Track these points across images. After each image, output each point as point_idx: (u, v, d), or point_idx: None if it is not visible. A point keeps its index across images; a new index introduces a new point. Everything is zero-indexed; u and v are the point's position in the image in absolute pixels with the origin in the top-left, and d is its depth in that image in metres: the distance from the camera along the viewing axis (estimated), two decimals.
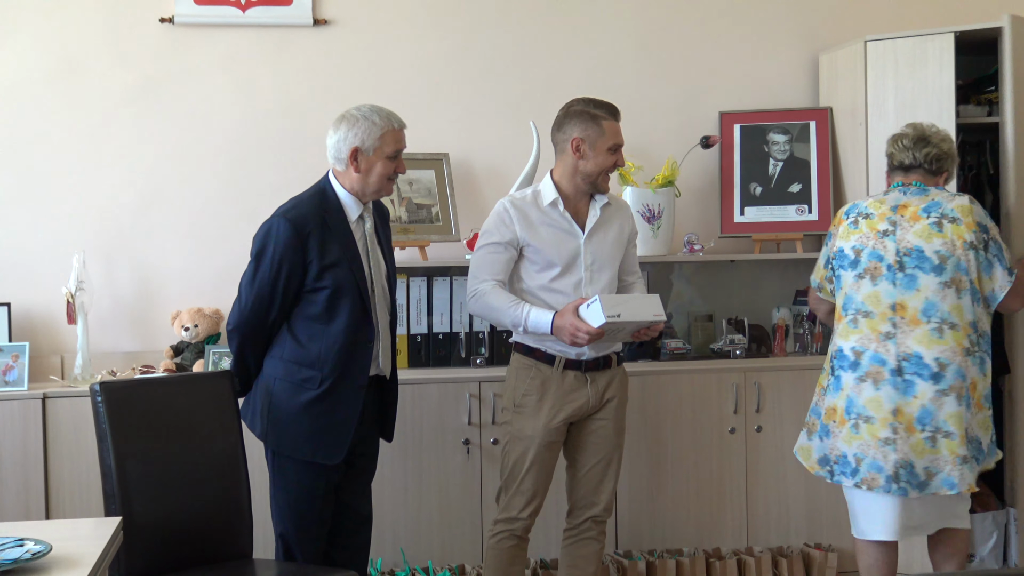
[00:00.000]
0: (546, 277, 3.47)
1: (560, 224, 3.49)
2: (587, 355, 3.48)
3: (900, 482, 3.32)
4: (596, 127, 3.44)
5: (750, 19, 4.73)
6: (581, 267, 3.49)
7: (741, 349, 4.39)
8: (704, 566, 4.15)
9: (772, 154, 4.61)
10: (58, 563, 2.06)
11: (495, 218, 3.50)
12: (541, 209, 3.48)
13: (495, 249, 3.47)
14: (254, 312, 3.24)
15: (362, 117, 3.27)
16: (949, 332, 3.31)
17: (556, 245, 3.47)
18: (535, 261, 3.47)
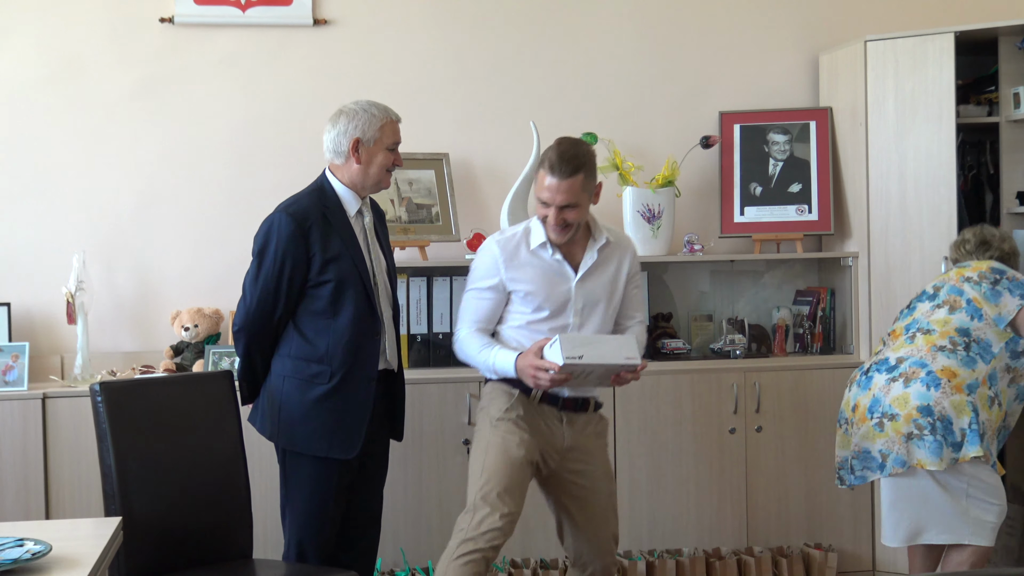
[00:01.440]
0: (536, 318, 3.37)
1: (550, 266, 3.37)
2: (565, 392, 3.35)
3: (856, 472, 3.59)
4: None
5: (750, 19, 4.73)
6: (571, 312, 3.37)
7: (741, 349, 4.39)
8: (704, 566, 4.15)
9: (772, 154, 4.61)
10: (58, 563, 2.06)
11: (482, 259, 3.42)
12: (530, 250, 3.37)
13: (480, 295, 3.40)
14: (260, 310, 3.24)
15: (361, 110, 3.31)
16: (920, 336, 3.57)
17: (546, 287, 3.35)
18: (525, 303, 3.37)
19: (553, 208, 3.28)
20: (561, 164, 3.24)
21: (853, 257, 4.42)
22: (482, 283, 3.39)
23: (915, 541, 3.56)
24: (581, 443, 3.38)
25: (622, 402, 4.18)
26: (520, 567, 4.03)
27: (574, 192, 3.27)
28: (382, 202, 4.17)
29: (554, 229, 3.31)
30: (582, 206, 3.32)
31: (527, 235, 3.39)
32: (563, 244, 3.37)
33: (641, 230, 4.37)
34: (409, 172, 4.36)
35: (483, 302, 3.39)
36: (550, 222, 3.30)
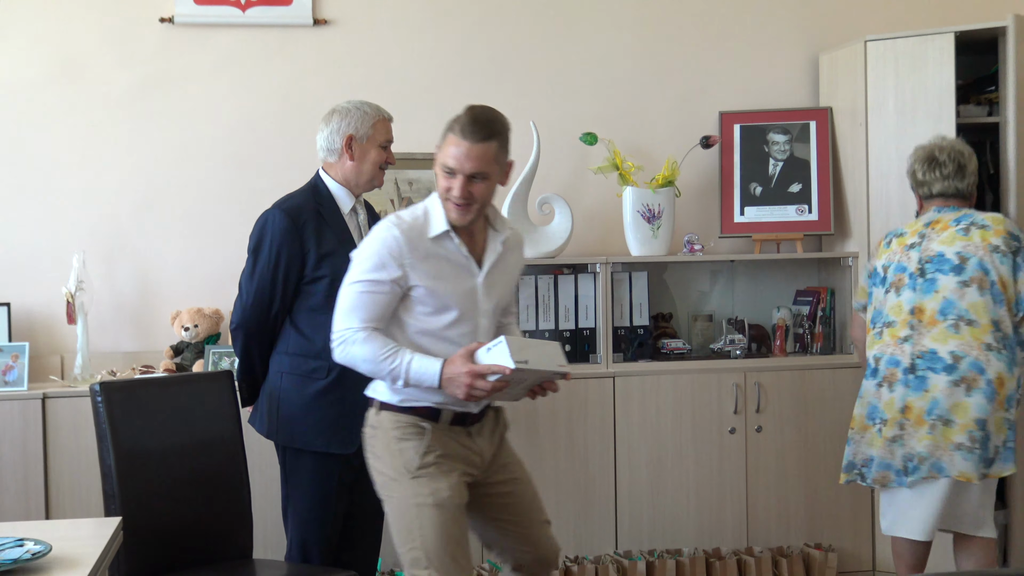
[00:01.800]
0: (439, 322, 2.91)
1: (455, 259, 2.93)
2: (475, 409, 2.97)
3: (910, 474, 3.40)
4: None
5: (750, 19, 4.73)
6: (479, 312, 2.96)
7: (741, 349, 4.39)
8: (704, 566, 4.15)
9: (772, 154, 4.61)
10: (58, 563, 2.06)
11: (378, 247, 2.87)
12: (432, 239, 2.91)
13: (373, 287, 2.87)
14: (256, 306, 3.25)
15: (354, 108, 3.35)
16: (966, 328, 3.38)
17: (452, 284, 2.91)
18: (426, 302, 2.90)
19: (460, 178, 2.86)
20: (474, 127, 2.87)
21: (853, 257, 4.42)
22: (378, 274, 2.87)
23: (942, 529, 3.51)
24: (496, 451, 3.05)
25: (622, 402, 4.18)
26: None
27: (486, 160, 2.89)
28: (382, 202, 4.19)
29: (456, 206, 2.88)
30: (491, 180, 2.92)
31: (427, 220, 2.92)
32: (464, 232, 2.94)
33: (641, 230, 4.37)
34: (409, 172, 4.36)
35: (379, 297, 2.87)
36: (454, 194, 2.86)
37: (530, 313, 4.27)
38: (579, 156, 4.50)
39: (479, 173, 2.88)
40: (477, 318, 2.95)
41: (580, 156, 4.49)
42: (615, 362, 4.23)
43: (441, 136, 2.91)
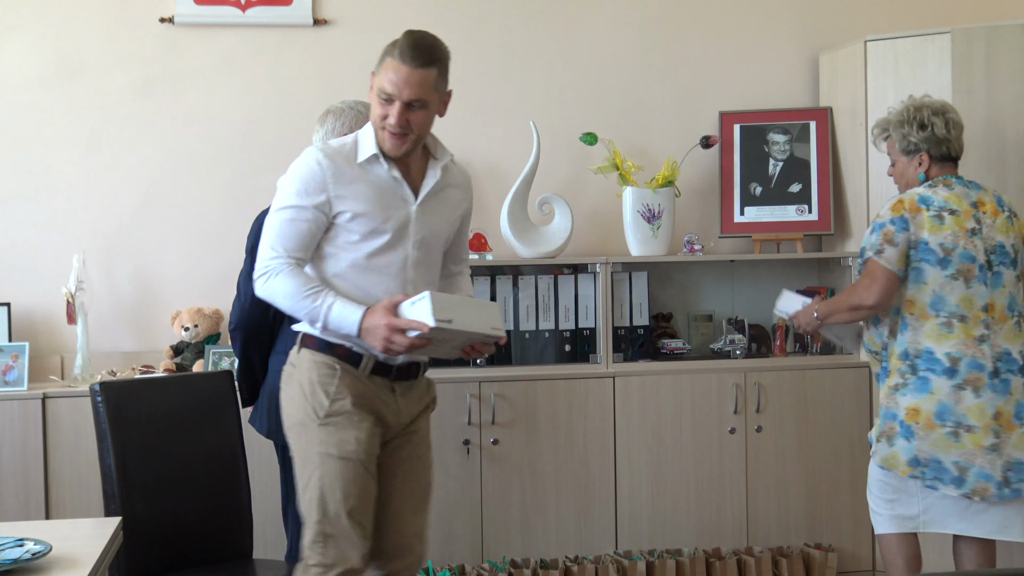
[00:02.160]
0: (366, 249, 2.78)
1: (386, 183, 2.81)
2: (400, 359, 2.83)
3: (1011, 485, 3.27)
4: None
5: (750, 19, 4.73)
6: (409, 241, 2.83)
7: (741, 349, 4.39)
8: (704, 566, 4.15)
9: (772, 154, 4.61)
10: (58, 563, 2.06)
11: (302, 171, 2.77)
12: (359, 163, 2.81)
13: (298, 214, 2.76)
14: (254, 306, 3.24)
15: (348, 108, 3.35)
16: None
17: (382, 207, 2.79)
18: (353, 229, 2.78)
19: (398, 104, 2.74)
20: (414, 52, 2.74)
21: (853, 257, 4.41)
22: (301, 200, 2.75)
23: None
24: (416, 420, 2.92)
25: (622, 402, 4.19)
26: (520, 567, 4.03)
27: (425, 87, 2.76)
28: None
29: (392, 135, 2.76)
30: (430, 109, 2.80)
31: (355, 146, 2.83)
32: (399, 161, 2.82)
33: (641, 230, 4.37)
34: None
35: (302, 225, 2.75)
36: (390, 122, 2.75)
37: (530, 313, 4.27)
38: (579, 156, 4.50)
39: (417, 100, 2.76)
40: (407, 247, 2.82)
41: (580, 156, 4.49)
42: (615, 362, 4.23)
43: (378, 61, 2.82)
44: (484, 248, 4.29)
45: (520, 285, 4.29)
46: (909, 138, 3.46)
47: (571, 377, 4.18)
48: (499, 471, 4.11)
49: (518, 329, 4.27)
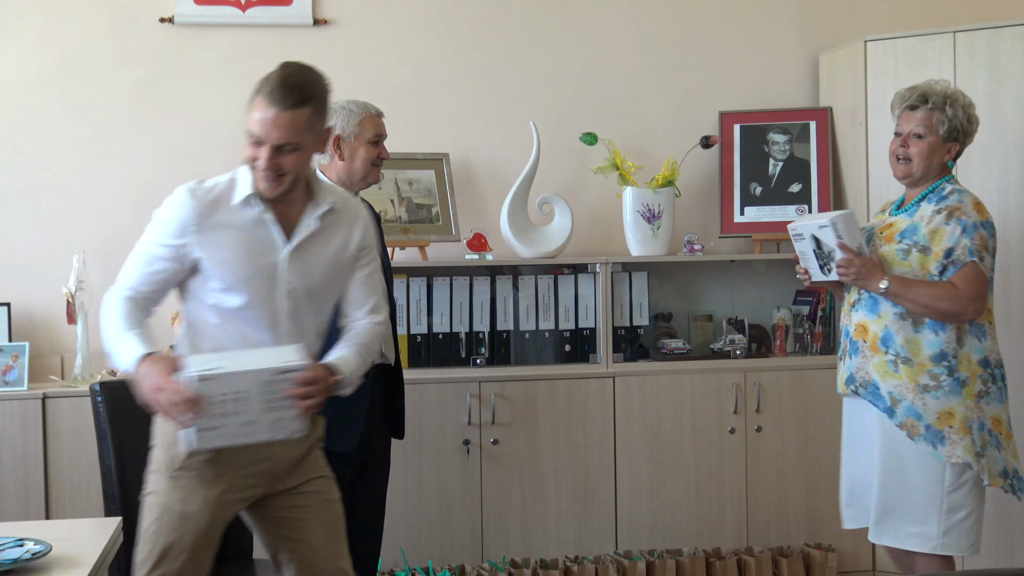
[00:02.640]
0: (231, 299, 2.59)
1: (255, 230, 2.60)
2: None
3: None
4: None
5: (750, 19, 4.73)
6: (279, 292, 2.60)
7: (741, 349, 4.39)
8: (704, 566, 4.15)
9: (772, 154, 4.61)
10: (58, 563, 2.06)
11: (167, 212, 2.62)
12: (232, 206, 2.61)
13: (155, 251, 2.62)
14: None
15: (338, 107, 3.31)
16: None
17: (245, 258, 2.57)
18: (216, 276, 2.59)
19: (267, 148, 2.53)
20: (284, 91, 2.52)
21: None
22: (161, 239, 2.60)
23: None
24: (299, 462, 2.69)
25: (622, 402, 4.18)
26: (520, 567, 4.03)
27: (296, 129, 2.53)
28: (382, 202, 4.19)
29: (265, 176, 2.56)
30: (305, 151, 2.58)
31: (231, 186, 2.64)
32: (276, 203, 2.61)
33: (641, 230, 4.37)
34: (409, 172, 4.36)
35: (155, 263, 2.61)
36: (260, 166, 2.55)
37: (530, 313, 4.27)
38: (579, 156, 4.50)
39: (288, 144, 2.54)
40: (276, 298, 2.59)
41: (580, 156, 4.49)
42: (615, 362, 4.23)
43: (250, 97, 2.57)
44: (484, 248, 4.30)
45: (520, 285, 4.29)
46: (957, 122, 3.25)
47: (571, 377, 4.18)
48: (499, 471, 4.11)
49: (518, 329, 4.27)
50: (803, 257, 3.36)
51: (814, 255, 3.30)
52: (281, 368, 2.42)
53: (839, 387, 3.36)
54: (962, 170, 4.21)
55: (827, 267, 3.27)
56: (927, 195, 3.28)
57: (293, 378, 2.44)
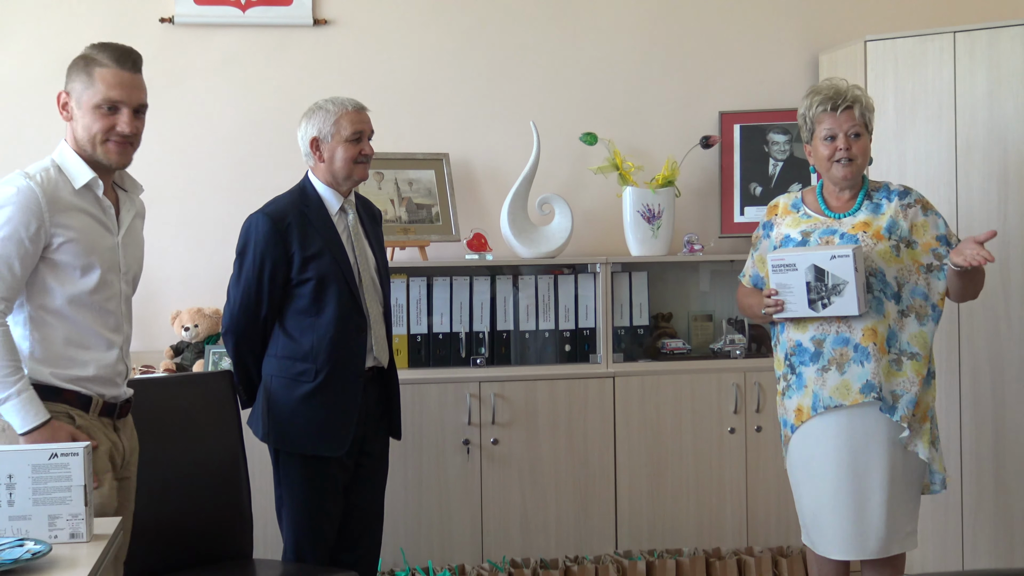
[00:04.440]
0: (86, 284, 2.59)
1: (96, 213, 2.63)
2: (125, 394, 2.72)
3: None
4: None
5: (750, 19, 4.73)
6: (119, 275, 2.68)
7: (741, 349, 4.39)
8: (704, 566, 4.15)
9: (772, 154, 4.61)
10: (58, 563, 2.06)
11: (15, 198, 2.52)
12: (76, 190, 2.60)
13: (11, 247, 2.50)
14: (243, 310, 3.25)
15: (317, 108, 3.32)
16: None
17: (95, 239, 2.61)
18: (72, 263, 2.57)
19: (125, 111, 2.60)
20: (130, 56, 2.62)
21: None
22: (21, 231, 2.50)
23: None
24: (131, 456, 2.75)
25: (622, 402, 4.19)
26: (521, 567, 4.03)
27: (144, 92, 2.68)
28: (382, 202, 4.19)
29: (119, 144, 2.61)
30: (143, 118, 2.69)
31: (62, 173, 2.60)
32: (106, 186, 2.65)
33: (641, 230, 4.37)
34: (409, 172, 4.36)
35: (15, 260, 2.51)
36: (121, 129, 2.60)
37: (530, 313, 4.27)
38: (579, 156, 4.50)
39: (143, 105, 2.65)
40: (119, 282, 2.66)
41: (580, 156, 4.50)
42: (615, 362, 4.23)
43: (76, 76, 2.60)
44: (484, 248, 4.30)
45: (520, 285, 4.29)
46: (871, 115, 3.27)
47: (571, 377, 4.18)
48: (499, 471, 4.11)
49: (518, 329, 4.27)
50: (784, 289, 3.16)
51: (806, 288, 3.13)
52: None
53: (840, 397, 3.16)
54: (962, 170, 4.24)
55: (822, 302, 3.11)
56: (877, 193, 3.26)
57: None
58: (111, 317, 2.64)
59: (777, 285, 3.18)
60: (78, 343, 2.59)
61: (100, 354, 2.62)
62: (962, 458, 4.15)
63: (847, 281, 3.07)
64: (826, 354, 3.18)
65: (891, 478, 3.16)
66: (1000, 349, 4.15)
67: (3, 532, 2.19)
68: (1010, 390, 4.14)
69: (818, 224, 3.26)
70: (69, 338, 2.58)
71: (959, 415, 4.16)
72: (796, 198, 3.36)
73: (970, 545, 4.15)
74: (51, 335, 2.57)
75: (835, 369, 3.16)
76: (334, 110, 3.29)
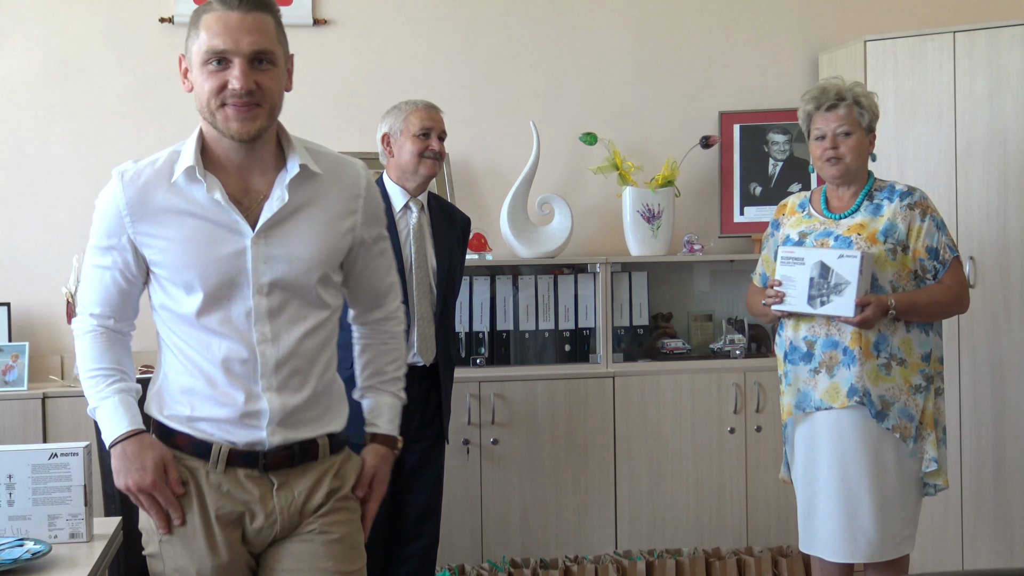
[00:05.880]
0: (190, 307, 2.08)
1: (205, 211, 2.05)
2: (269, 443, 2.10)
3: None
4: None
5: (750, 19, 4.73)
6: (250, 288, 2.07)
7: (741, 349, 4.39)
8: (704, 566, 4.15)
9: (772, 154, 4.61)
10: (58, 563, 2.06)
11: (100, 210, 2.11)
12: (173, 184, 2.06)
13: (100, 262, 2.13)
14: None
15: (392, 107, 3.51)
16: None
17: (197, 249, 2.05)
18: (170, 279, 2.09)
19: (238, 62, 1.99)
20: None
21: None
22: (101, 244, 2.11)
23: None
24: (314, 505, 2.14)
25: (622, 402, 4.19)
26: (520, 567, 4.03)
27: (268, 35, 2.03)
28: None
29: (238, 107, 2.00)
30: (279, 68, 2.05)
31: (172, 162, 2.08)
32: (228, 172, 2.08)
33: (641, 230, 4.37)
34: None
35: (105, 275, 2.13)
36: (234, 87, 1.99)
37: (530, 313, 4.27)
38: (579, 156, 4.50)
39: (264, 52, 2.01)
40: (247, 297, 2.07)
41: (580, 156, 4.50)
42: (615, 362, 4.23)
43: (190, 31, 2.05)
44: (484, 248, 4.30)
45: (520, 285, 4.29)
46: (873, 113, 3.23)
47: (571, 377, 4.18)
48: (499, 471, 4.11)
49: (518, 329, 4.27)
50: (788, 282, 3.18)
51: (809, 283, 3.14)
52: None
53: (830, 400, 3.14)
54: (961, 169, 4.23)
55: (821, 299, 3.11)
56: (880, 193, 3.24)
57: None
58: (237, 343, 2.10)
59: (781, 277, 3.20)
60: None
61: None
62: (962, 458, 4.15)
63: (849, 282, 3.07)
64: (817, 356, 3.18)
65: (882, 483, 3.13)
66: (1000, 349, 4.15)
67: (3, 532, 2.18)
68: (1010, 390, 4.14)
69: (816, 225, 3.26)
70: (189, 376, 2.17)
71: (959, 415, 4.16)
72: (804, 198, 3.37)
73: (970, 545, 4.15)
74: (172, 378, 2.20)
75: (825, 372, 3.17)
76: (404, 108, 3.47)
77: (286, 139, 2.13)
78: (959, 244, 4.14)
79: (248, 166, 2.09)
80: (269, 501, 2.11)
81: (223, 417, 2.09)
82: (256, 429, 2.09)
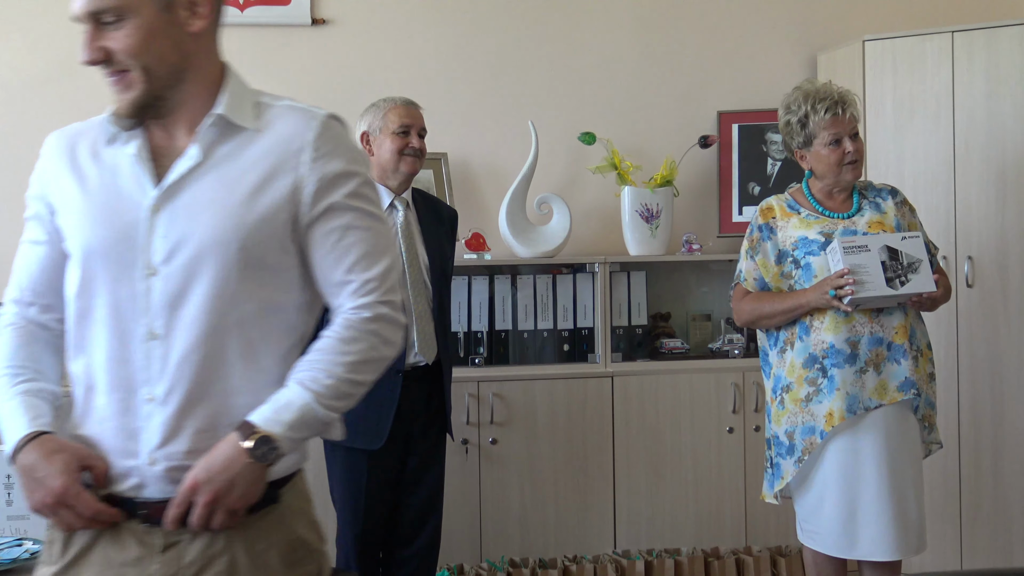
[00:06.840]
0: (71, 284, 1.79)
1: (115, 170, 1.77)
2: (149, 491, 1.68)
3: None
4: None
5: (749, 19, 4.74)
6: (138, 264, 1.69)
7: (740, 349, 4.40)
8: (703, 566, 4.15)
9: (770, 154, 4.61)
10: None
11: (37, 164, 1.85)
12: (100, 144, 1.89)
13: (26, 232, 1.92)
14: None
15: (370, 106, 3.47)
16: None
17: (93, 214, 1.75)
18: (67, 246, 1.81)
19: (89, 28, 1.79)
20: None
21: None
22: (26, 215, 1.93)
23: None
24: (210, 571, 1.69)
25: (621, 402, 4.19)
26: (519, 567, 4.04)
27: None
28: None
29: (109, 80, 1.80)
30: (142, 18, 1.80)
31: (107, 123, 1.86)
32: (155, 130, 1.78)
33: (639, 230, 4.37)
34: None
35: (28, 250, 1.90)
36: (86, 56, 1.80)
37: (528, 312, 4.27)
38: (577, 156, 4.50)
39: (103, 10, 1.77)
40: (135, 275, 1.68)
41: (578, 156, 4.50)
42: (613, 362, 4.23)
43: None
44: (482, 248, 4.30)
45: (518, 285, 4.29)
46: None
47: (570, 377, 4.18)
48: (498, 471, 4.11)
49: (516, 328, 4.28)
50: (860, 270, 3.06)
51: (882, 267, 3.07)
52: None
53: (879, 398, 3.10)
54: (960, 169, 4.24)
55: (900, 279, 3.07)
56: (869, 191, 3.30)
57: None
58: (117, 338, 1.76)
59: (851, 267, 3.07)
60: None
61: None
62: (960, 458, 4.16)
63: (921, 259, 3.08)
64: (862, 355, 3.12)
65: (918, 473, 3.18)
66: (999, 349, 4.15)
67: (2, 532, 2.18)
68: (1009, 390, 4.14)
69: (831, 225, 3.23)
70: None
71: (958, 415, 4.17)
72: (787, 200, 3.36)
73: (969, 545, 4.15)
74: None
75: (873, 370, 3.12)
76: (383, 105, 3.43)
77: (228, 86, 1.75)
78: (957, 243, 4.16)
79: (174, 119, 1.75)
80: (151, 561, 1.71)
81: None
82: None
